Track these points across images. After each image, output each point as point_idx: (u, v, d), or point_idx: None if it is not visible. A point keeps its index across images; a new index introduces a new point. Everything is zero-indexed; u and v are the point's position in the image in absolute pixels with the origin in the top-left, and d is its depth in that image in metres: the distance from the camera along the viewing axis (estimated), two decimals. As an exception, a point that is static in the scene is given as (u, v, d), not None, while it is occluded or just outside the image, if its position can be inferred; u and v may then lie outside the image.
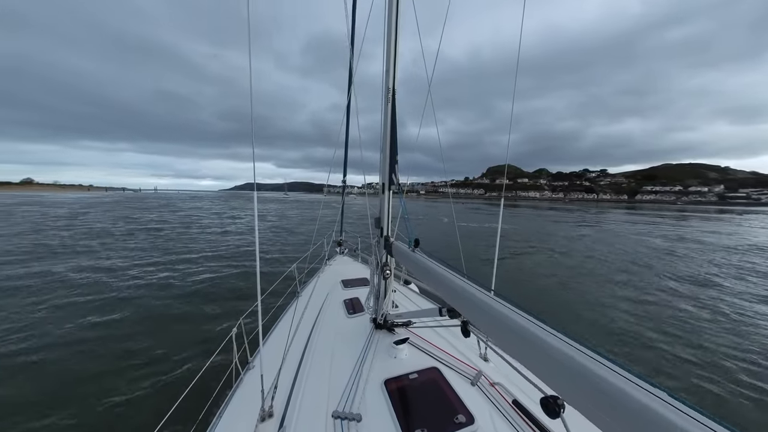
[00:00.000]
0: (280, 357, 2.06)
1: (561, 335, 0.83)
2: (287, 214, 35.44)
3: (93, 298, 7.23)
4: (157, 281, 8.70)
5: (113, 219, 25.48)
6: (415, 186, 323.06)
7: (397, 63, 2.32)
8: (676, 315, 7.31)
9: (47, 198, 72.64)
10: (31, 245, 13.45)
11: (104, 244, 14.26)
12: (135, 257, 11.53)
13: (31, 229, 18.70)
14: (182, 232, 18.69)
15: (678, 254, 15.65)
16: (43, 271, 9.53)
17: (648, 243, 19.19)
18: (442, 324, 2.44)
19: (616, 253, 15.62)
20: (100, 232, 17.97)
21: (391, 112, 2.37)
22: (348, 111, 3.99)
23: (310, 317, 2.94)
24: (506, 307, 1.01)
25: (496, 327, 1.00)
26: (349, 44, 3.45)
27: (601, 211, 63.28)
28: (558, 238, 20.45)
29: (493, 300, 1.09)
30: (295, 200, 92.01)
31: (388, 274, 2.33)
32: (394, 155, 2.39)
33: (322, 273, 4.55)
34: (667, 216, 51.82)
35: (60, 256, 11.42)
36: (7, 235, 16.02)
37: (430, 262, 1.67)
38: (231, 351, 2.42)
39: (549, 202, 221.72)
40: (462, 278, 1.35)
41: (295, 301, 3.48)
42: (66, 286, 8.14)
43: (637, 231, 26.32)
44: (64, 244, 14.06)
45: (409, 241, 2.05)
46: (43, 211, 31.16)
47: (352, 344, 2.34)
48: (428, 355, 2.16)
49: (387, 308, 2.50)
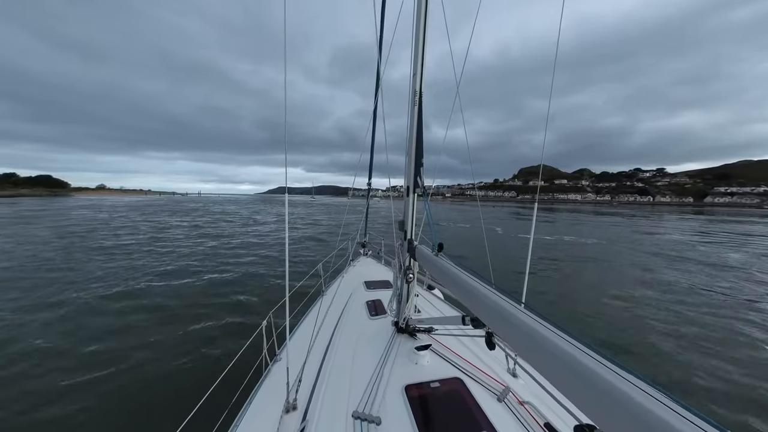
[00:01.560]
0: (304, 352, 2.17)
1: (600, 357, 0.77)
2: (316, 219, 33.70)
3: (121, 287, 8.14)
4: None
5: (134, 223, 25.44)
6: (441, 189, 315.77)
7: (424, 66, 2.36)
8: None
9: (106, 201, 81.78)
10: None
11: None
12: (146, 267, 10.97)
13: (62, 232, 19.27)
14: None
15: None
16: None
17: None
18: (466, 333, 2.39)
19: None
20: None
21: (417, 115, 2.40)
22: (374, 115, 4.10)
23: (333, 316, 3.06)
24: (537, 322, 0.96)
25: (525, 342, 0.95)
26: (377, 49, 3.56)
27: (661, 216, 54.53)
28: (649, 258, 14.28)
29: (522, 313, 1.03)
30: (321, 203, 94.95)
31: (411, 278, 2.35)
32: (419, 158, 2.42)
33: (346, 273, 4.69)
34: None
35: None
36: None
37: (454, 267, 1.65)
38: (261, 342, 2.58)
39: (593, 205, 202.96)
40: (488, 287, 1.32)
41: (320, 299, 3.63)
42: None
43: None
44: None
45: (433, 245, 2.05)
46: (91, 215, 32.87)
47: (373, 345, 2.38)
48: (451, 364, 2.13)
49: (409, 312, 2.51)
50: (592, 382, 0.71)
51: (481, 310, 1.26)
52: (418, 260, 2.26)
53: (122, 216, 32.29)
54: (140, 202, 71.20)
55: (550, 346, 0.85)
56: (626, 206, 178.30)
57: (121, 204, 61.48)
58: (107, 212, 37.90)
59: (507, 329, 1.05)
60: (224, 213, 40.83)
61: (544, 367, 0.88)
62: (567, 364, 0.79)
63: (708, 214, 70.15)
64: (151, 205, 55.25)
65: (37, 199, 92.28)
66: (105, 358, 4.91)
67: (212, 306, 7.12)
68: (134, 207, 50.31)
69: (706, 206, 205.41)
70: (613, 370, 0.72)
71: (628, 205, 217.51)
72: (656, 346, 5.84)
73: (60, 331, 5.81)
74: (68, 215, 33.02)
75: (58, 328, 5.98)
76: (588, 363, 0.75)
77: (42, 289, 8.23)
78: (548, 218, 45.11)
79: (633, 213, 68.50)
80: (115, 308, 6.98)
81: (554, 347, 0.84)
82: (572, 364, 0.77)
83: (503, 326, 1.07)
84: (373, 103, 3.93)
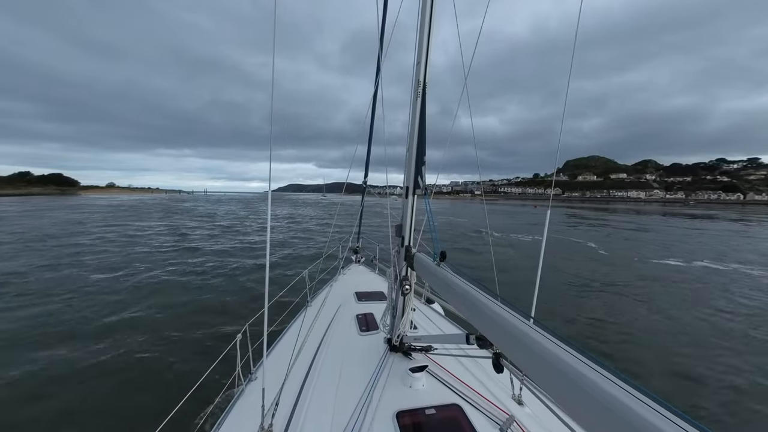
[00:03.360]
0: (284, 371, 2.19)
1: (625, 384, 0.74)
2: (320, 226, 28.62)
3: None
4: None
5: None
6: (469, 186, 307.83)
7: (430, 53, 2.38)
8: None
9: (101, 200, 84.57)
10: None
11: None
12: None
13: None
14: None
15: None
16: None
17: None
18: (468, 354, 2.39)
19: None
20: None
21: (420, 108, 2.44)
22: (373, 104, 4.14)
23: (318, 330, 3.11)
24: (553, 342, 0.93)
25: (540, 365, 0.92)
26: (378, 33, 3.63)
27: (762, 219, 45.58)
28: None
29: (538, 332, 1.01)
30: (331, 203, 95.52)
31: (407, 290, 2.39)
32: (421, 155, 2.46)
33: (334, 282, 4.75)
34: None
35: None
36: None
37: (458, 279, 1.66)
38: (235, 358, 2.59)
39: (661, 204, 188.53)
40: (497, 302, 1.31)
41: (304, 311, 3.70)
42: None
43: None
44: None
45: (434, 254, 2.07)
46: (64, 217, 33.05)
47: (362, 365, 2.43)
48: (449, 388, 2.15)
49: (404, 329, 2.55)
50: (615, 413, 0.67)
51: (489, 327, 1.24)
52: (416, 270, 2.29)
53: (85, 221, 30.06)
54: (135, 202, 75.26)
55: (568, 369, 0.82)
56: (705, 205, 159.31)
57: (113, 203, 64.01)
58: (87, 213, 39.53)
59: (520, 350, 1.03)
60: (210, 216, 38.11)
61: (559, 392, 0.85)
62: (585, 390, 0.75)
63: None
64: (139, 206, 55.51)
65: (44, 198, 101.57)
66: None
67: (182, 313, 7.17)
68: (120, 207, 51.64)
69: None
70: (640, 399, 0.68)
71: (708, 204, 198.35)
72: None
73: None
74: (42, 215, 35.04)
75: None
76: (611, 389, 0.71)
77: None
78: (603, 221, 41.17)
79: (724, 214, 60.07)
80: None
81: (573, 371, 0.80)
82: (592, 390, 0.74)
83: (515, 346, 1.05)
84: (374, 88, 3.97)
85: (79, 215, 36.14)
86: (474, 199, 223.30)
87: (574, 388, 0.79)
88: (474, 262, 15.16)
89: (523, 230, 28.83)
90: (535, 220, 41.25)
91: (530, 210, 68.60)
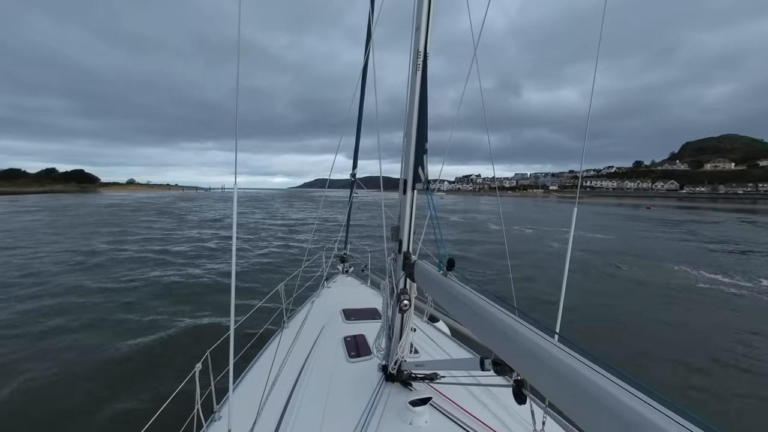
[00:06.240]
0: (255, 407, 2.18)
1: (686, 421, 0.72)
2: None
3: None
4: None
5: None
6: (541, 179, 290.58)
7: (432, 15, 2.40)
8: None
9: (111, 196, 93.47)
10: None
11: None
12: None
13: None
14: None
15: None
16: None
17: None
18: (481, 383, 2.38)
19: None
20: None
21: (420, 83, 2.49)
22: (364, 72, 4.18)
23: (298, 357, 3.13)
24: (588, 367, 0.92)
25: (573, 394, 0.91)
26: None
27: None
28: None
29: (568, 353, 1.00)
30: (363, 203, 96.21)
31: (406, 306, 2.42)
32: (422, 141, 2.50)
33: (317, 298, 4.81)
34: None
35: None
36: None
37: (469, 291, 1.66)
38: (193, 394, 2.47)
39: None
40: (515, 317, 1.30)
41: (280, 333, 3.66)
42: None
43: None
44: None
45: (440, 262, 2.09)
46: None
47: (352, 400, 2.48)
48: (458, 424, 2.16)
49: (403, 353, 2.59)
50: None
51: (510, 349, 1.24)
52: (417, 282, 2.33)
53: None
54: (139, 200, 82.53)
55: (614, 404, 0.81)
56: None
57: (113, 201, 69.51)
58: (52, 217, 41.65)
59: (547, 376, 1.02)
60: (201, 223, 34.32)
61: (594, 426, 0.85)
62: (629, 422, 0.75)
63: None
64: (138, 207, 57.37)
65: (50, 196, 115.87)
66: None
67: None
68: (115, 205, 56.08)
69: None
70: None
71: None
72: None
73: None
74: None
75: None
76: (659, 421, 0.71)
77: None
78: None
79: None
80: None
81: (620, 406, 0.79)
82: (635, 423, 0.74)
83: (542, 372, 1.05)
84: (363, 60, 4.01)
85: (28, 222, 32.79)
86: (549, 196, 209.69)
87: (613, 420, 0.78)
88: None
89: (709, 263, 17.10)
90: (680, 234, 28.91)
91: (644, 212, 62.40)
